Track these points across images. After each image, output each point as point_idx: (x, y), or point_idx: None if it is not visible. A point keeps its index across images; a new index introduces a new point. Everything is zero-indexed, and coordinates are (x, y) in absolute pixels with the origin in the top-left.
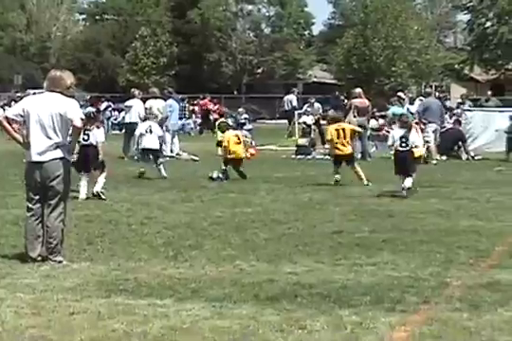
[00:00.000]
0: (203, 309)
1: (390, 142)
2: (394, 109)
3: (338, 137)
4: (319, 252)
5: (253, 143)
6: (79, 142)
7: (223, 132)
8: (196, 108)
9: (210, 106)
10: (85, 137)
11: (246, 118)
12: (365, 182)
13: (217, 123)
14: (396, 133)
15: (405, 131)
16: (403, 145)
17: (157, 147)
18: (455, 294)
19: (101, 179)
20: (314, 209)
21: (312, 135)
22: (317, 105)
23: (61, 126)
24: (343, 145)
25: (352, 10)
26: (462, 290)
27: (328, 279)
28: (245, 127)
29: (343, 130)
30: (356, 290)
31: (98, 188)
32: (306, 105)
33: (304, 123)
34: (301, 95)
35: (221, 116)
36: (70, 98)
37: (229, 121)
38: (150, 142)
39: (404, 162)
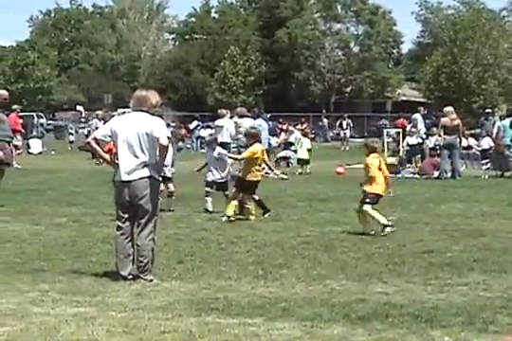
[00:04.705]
0: (293, 328)
1: None
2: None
3: None
4: (409, 272)
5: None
6: None
7: None
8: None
9: (406, 124)
10: None
11: (296, 138)
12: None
13: None
14: None
15: None
16: None
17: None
18: None
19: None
20: (403, 229)
21: (401, 154)
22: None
23: (148, 145)
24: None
25: (441, 29)
26: None
27: (419, 299)
28: (292, 147)
29: None
30: (448, 310)
31: None
32: (410, 125)
33: (407, 144)
34: (389, 113)
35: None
36: (157, 116)
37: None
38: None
39: None
